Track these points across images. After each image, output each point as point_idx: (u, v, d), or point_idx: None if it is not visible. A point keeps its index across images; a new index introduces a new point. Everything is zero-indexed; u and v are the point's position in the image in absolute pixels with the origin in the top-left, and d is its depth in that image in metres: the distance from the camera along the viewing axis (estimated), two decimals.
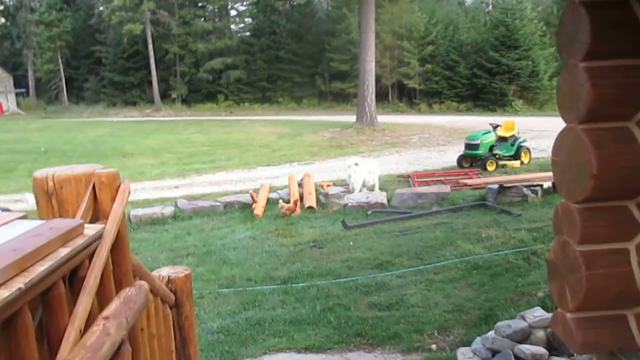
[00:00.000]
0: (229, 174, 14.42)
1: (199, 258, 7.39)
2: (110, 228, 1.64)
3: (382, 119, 23.65)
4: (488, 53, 30.13)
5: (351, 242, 7.53)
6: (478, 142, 12.07)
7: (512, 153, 12.39)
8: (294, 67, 38.30)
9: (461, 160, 12.63)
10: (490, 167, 11.88)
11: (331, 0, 40.25)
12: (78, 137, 23.41)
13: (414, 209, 8.85)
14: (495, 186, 8.56)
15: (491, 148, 12.21)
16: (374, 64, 22.00)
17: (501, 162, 12.17)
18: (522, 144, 12.51)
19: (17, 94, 44.44)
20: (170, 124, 28.98)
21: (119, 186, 1.79)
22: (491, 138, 12.18)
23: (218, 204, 9.99)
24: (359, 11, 27.11)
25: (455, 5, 39.62)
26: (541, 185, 8.84)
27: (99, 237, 1.55)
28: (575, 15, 2.03)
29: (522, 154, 12.45)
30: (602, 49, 1.98)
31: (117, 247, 1.73)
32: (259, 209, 9.43)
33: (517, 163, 12.26)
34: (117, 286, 1.70)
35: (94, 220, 1.75)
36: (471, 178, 10.92)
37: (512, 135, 12.52)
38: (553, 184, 9.00)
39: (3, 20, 48.95)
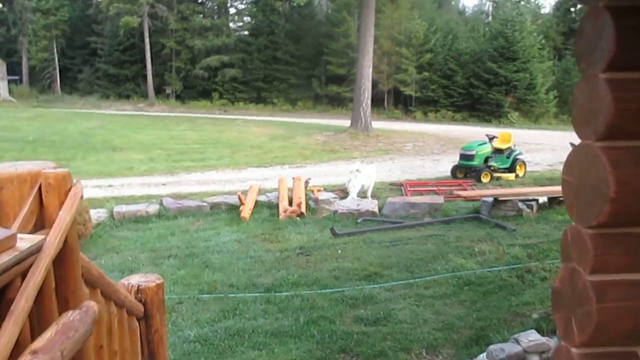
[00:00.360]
0: (219, 174, 14.16)
1: (180, 260, 7.13)
2: (53, 239, 1.39)
3: (377, 125, 23.47)
4: (486, 64, 30.06)
5: (339, 251, 7.31)
6: (473, 153, 11.87)
7: (507, 165, 12.22)
8: (291, 68, 38.06)
9: (455, 170, 12.43)
10: (485, 179, 11.70)
11: (331, 3, 40.03)
12: (68, 128, 23.02)
13: (406, 219, 8.64)
14: (490, 199, 8.37)
15: (486, 159, 12.03)
16: (371, 69, 21.80)
17: (496, 175, 11.99)
18: (518, 157, 12.34)
19: (10, 81, 43.88)
20: (162, 120, 28.65)
21: (69, 189, 1.54)
22: (487, 149, 11.99)
23: (204, 204, 9.72)
24: (359, 15, 26.95)
25: (455, 14, 39.61)
26: (537, 200, 8.66)
27: (36, 250, 1.30)
28: (598, 20, 1.81)
29: (518, 167, 12.28)
30: (627, 59, 1.75)
31: (64, 261, 1.49)
32: (246, 211, 9.18)
33: (512, 176, 12.08)
34: (62, 306, 1.45)
35: (38, 228, 1.50)
36: (465, 189, 10.72)
37: (508, 148, 12.34)
38: (549, 199, 8.83)
39: (0, 5, 48.40)
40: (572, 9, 39.56)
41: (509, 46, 29.56)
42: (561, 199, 8.82)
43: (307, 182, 10.83)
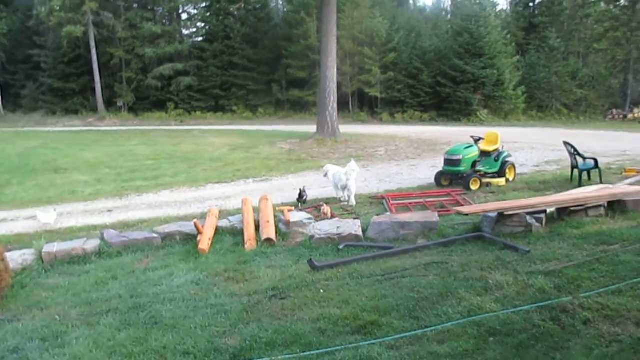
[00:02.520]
0: (174, 194, 12.55)
1: (122, 316, 5.54)
2: None
3: (344, 129, 22.18)
4: (452, 61, 29.22)
5: (322, 291, 5.82)
6: (459, 157, 10.62)
7: (496, 169, 11.01)
8: (249, 74, 36.61)
9: (440, 177, 11.16)
10: (474, 186, 10.45)
11: (288, 4, 38.66)
12: (6, 150, 21.00)
13: (396, 243, 7.25)
14: (493, 214, 7.08)
15: (473, 164, 10.80)
16: (335, 69, 20.47)
17: (485, 180, 10.76)
18: (507, 159, 11.15)
19: None
20: (113, 135, 26.79)
21: None
22: (474, 153, 10.76)
23: (155, 235, 8.11)
24: (319, 14, 25.69)
25: (416, 12, 38.83)
26: (545, 211, 7.41)
27: None
28: None
29: (507, 171, 11.09)
30: None
31: None
32: (205, 242, 7.64)
33: (502, 181, 10.87)
34: None
35: None
36: (455, 200, 9.44)
37: (496, 150, 11.15)
38: (558, 209, 7.60)
39: None
40: (531, 4, 39.31)
41: (474, 42, 28.77)
42: (572, 209, 7.63)
43: (302, 194, 9.99)
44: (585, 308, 4.88)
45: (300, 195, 10.07)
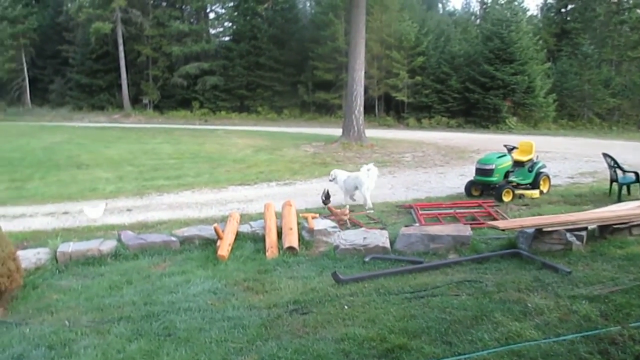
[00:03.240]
0: (195, 195, 12.27)
1: (134, 325, 5.24)
2: None
3: (369, 133, 21.75)
4: (481, 66, 28.56)
5: (346, 307, 5.43)
6: (492, 167, 10.13)
7: (530, 181, 10.49)
8: (275, 74, 36.33)
9: (470, 187, 10.68)
10: (507, 198, 9.95)
11: (316, 5, 38.31)
12: (31, 144, 21.05)
13: (425, 257, 6.83)
14: (531, 230, 6.61)
15: (506, 174, 10.30)
16: (363, 72, 20.05)
17: (518, 192, 10.25)
18: (542, 170, 10.61)
19: None
20: (137, 132, 26.75)
21: None
22: (507, 162, 10.26)
23: (173, 239, 7.83)
24: (348, 16, 25.31)
25: (445, 16, 38.18)
26: (585, 228, 6.91)
27: None
28: None
29: (542, 182, 10.56)
30: None
31: None
32: (224, 248, 7.33)
33: (536, 193, 10.35)
34: None
35: None
36: (488, 212, 8.97)
37: (530, 160, 10.63)
38: (600, 227, 7.10)
39: None
40: (563, 10, 38.42)
41: (505, 47, 28.06)
42: (616, 226, 7.13)
43: (326, 196, 9.86)
44: (636, 340, 4.41)
45: (327, 197, 9.92)
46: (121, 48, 36.97)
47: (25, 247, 7.88)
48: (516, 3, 31.41)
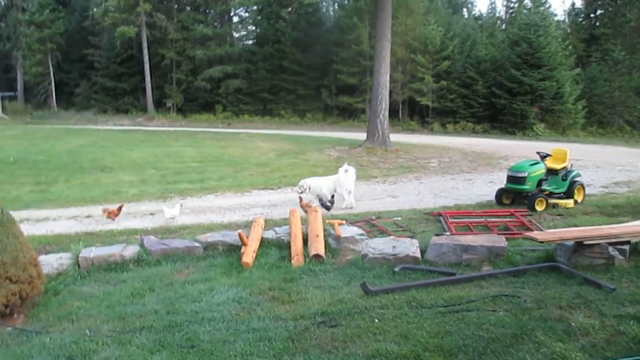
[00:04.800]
0: (218, 199, 12.12)
1: (156, 336, 5.03)
2: None
3: (394, 137, 21.44)
4: (508, 71, 28.01)
5: (376, 320, 5.15)
6: (524, 174, 9.77)
7: (564, 190, 10.09)
8: (299, 78, 36.16)
9: (501, 195, 10.32)
10: (539, 207, 9.57)
11: (340, 9, 38.09)
12: (56, 146, 21.18)
13: (458, 268, 6.52)
14: (570, 242, 6.27)
15: (539, 183, 9.93)
16: (388, 76, 19.77)
17: (551, 201, 9.86)
18: (576, 179, 10.20)
19: (5, 98, 42.35)
20: (160, 135, 26.82)
21: None
22: (540, 170, 9.89)
23: (197, 244, 7.65)
24: (373, 19, 25.09)
25: (472, 20, 37.66)
26: (628, 242, 6.54)
27: None
28: None
29: (576, 191, 10.16)
30: None
31: None
32: (249, 254, 7.12)
33: (570, 202, 9.95)
34: None
35: None
36: (521, 222, 8.61)
37: (564, 168, 10.24)
38: None
39: None
40: (592, 15, 37.69)
41: (533, 52, 27.48)
42: None
43: (331, 202, 10.03)
44: None
45: (331, 202, 10.05)
46: (145, 52, 37.20)
47: (47, 251, 7.79)
48: (543, 8, 30.85)
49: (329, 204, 10.00)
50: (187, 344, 4.78)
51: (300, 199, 9.81)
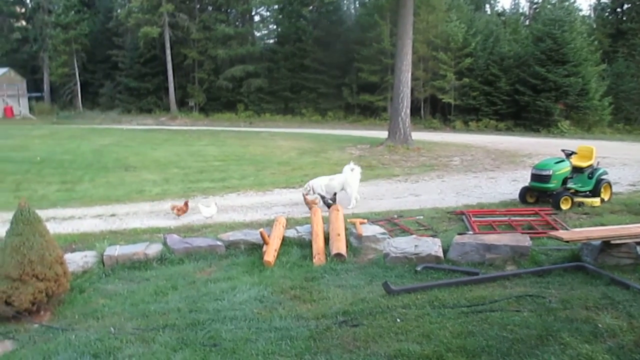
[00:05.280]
0: (240, 198, 12.17)
1: (179, 334, 5.10)
2: None
3: (415, 135, 21.29)
4: (532, 68, 27.60)
5: (399, 320, 5.13)
6: (549, 172, 9.62)
7: (590, 188, 9.91)
8: (320, 76, 36.13)
9: (525, 193, 10.18)
10: (565, 206, 9.42)
11: (361, 7, 37.95)
12: (81, 146, 21.50)
13: (481, 267, 6.46)
14: (597, 242, 6.16)
15: (564, 181, 9.77)
16: (410, 74, 19.64)
17: (577, 199, 9.69)
18: (603, 177, 10.01)
19: (32, 98, 43.19)
20: (183, 134, 27.04)
21: None
22: (566, 168, 9.72)
23: (219, 243, 7.71)
24: (394, 17, 24.94)
25: (494, 16, 37.18)
26: None
27: None
28: None
29: (602, 190, 9.97)
30: None
31: None
32: (270, 253, 7.15)
33: (596, 201, 9.76)
34: None
35: None
36: (546, 221, 8.49)
37: (590, 165, 10.05)
38: None
39: (24, 22, 47.95)
40: (619, 10, 36.94)
41: (557, 48, 27.04)
42: None
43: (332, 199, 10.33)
44: None
45: (333, 200, 10.29)
46: (168, 52, 37.59)
47: (73, 250, 7.92)
48: (568, 3, 30.35)
49: (330, 201, 10.20)
50: (209, 342, 4.82)
51: (304, 197, 10.36)
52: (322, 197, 10.45)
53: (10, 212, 6.17)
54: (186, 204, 10.20)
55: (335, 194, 10.63)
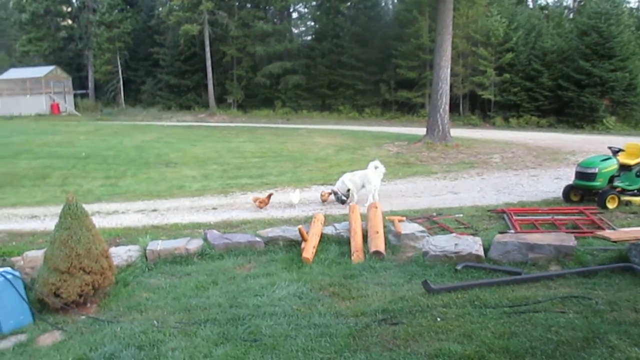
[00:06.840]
0: (278, 194, 12.25)
1: (220, 328, 5.16)
2: None
3: (454, 132, 21.00)
4: (577, 62, 26.83)
5: (439, 319, 5.07)
6: (595, 170, 9.35)
7: (638, 186, 9.59)
8: (357, 73, 35.92)
9: (569, 192, 9.93)
10: (611, 205, 9.15)
11: (399, 3, 37.59)
12: (124, 142, 22.00)
13: (523, 267, 6.33)
14: None
15: (611, 179, 9.49)
16: (449, 70, 19.38)
17: (624, 198, 9.40)
18: None
19: (77, 95, 44.42)
20: (221, 131, 27.36)
21: None
22: (612, 166, 9.44)
23: (258, 239, 7.77)
24: (433, 12, 24.63)
25: (537, 10, 36.29)
26: None
27: None
28: None
29: None
30: None
31: None
32: (309, 250, 7.17)
33: None
34: None
35: None
36: (591, 220, 8.25)
37: (638, 163, 9.72)
38: None
39: (70, 21, 49.32)
40: None
41: (603, 42, 26.21)
42: None
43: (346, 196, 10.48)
44: None
45: (347, 197, 10.47)
46: (208, 49, 38.03)
47: (117, 244, 8.11)
48: None
49: (343, 198, 10.43)
50: (250, 338, 4.86)
51: (322, 193, 10.92)
52: (335, 193, 10.61)
53: (58, 206, 6.36)
54: (269, 196, 10.45)
55: (348, 190, 10.68)
